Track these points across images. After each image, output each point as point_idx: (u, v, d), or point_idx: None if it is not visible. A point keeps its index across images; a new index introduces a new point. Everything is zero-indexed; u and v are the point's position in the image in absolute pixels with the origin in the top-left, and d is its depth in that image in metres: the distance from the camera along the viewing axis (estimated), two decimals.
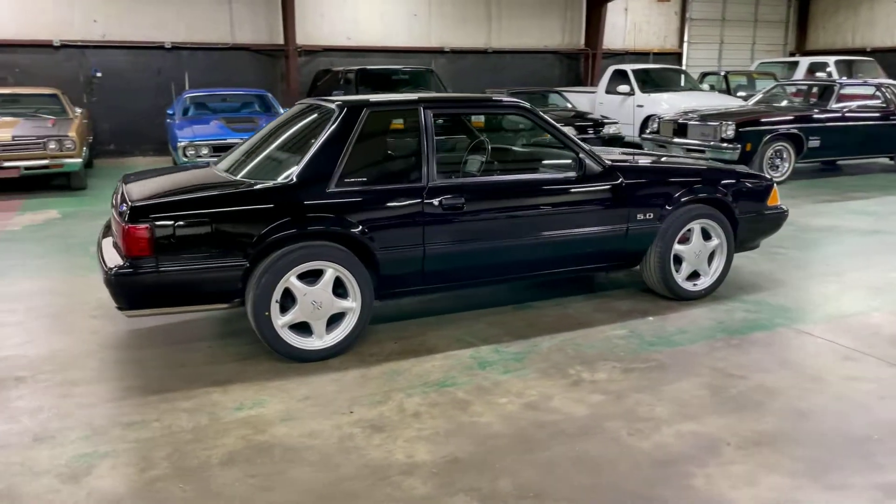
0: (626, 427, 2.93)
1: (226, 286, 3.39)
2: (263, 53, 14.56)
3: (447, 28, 16.04)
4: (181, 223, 3.28)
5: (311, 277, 3.54)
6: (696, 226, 4.45)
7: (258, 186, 3.51)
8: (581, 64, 17.63)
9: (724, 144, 9.11)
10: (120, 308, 3.35)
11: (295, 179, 3.51)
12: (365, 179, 3.66)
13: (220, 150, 9.09)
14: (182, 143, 9.04)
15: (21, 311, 4.40)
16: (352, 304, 3.62)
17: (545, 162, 4.38)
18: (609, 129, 12.23)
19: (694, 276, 4.58)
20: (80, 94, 13.27)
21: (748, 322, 4.17)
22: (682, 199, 4.35)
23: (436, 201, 3.72)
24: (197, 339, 3.93)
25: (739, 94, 14.28)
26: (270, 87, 14.55)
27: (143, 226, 3.22)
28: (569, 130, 11.34)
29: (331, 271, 3.54)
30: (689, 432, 2.89)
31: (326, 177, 3.55)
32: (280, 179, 3.54)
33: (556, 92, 13.98)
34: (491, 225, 3.90)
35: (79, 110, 10.74)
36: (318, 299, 3.53)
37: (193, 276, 3.32)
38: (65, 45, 13.09)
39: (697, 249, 4.49)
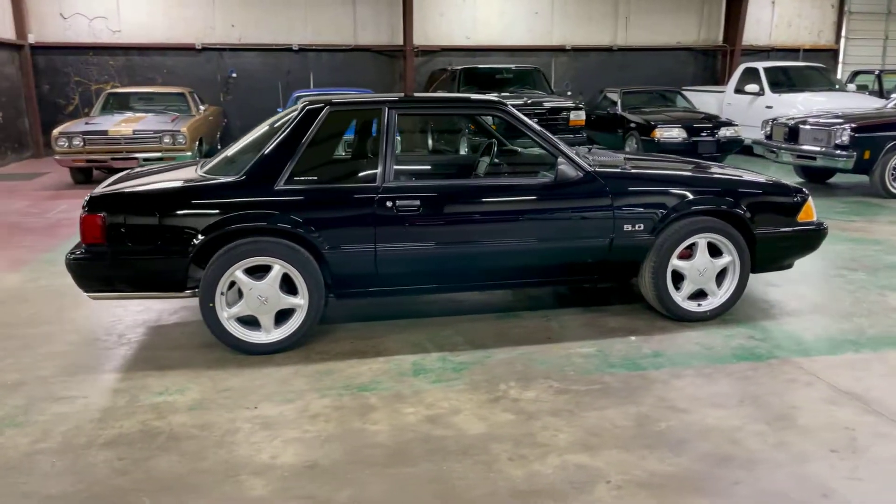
0: (511, 451, 2.74)
1: (175, 276, 3.56)
2: (383, 54, 15.01)
3: (570, 25, 15.66)
4: (131, 215, 3.50)
5: (262, 273, 3.63)
6: (700, 240, 4.04)
7: (207, 182, 3.66)
8: (718, 61, 16.50)
9: (838, 151, 8.17)
10: (82, 290, 3.63)
11: (244, 176, 3.62)
12: (315, 178, 3.70)
13: None
14: None
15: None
16: (300, 301, 3.67)
17: (519, 166, 4.17)
18: (726, 132, 11.38)
19: (700, 295, 4.16)
20: (217, 93, 14.46)
21: (741, 350, 3.73)
22: (680, 211, 3.97)
23: (389, 203, 3.67)
24: (182, 323, 4.17)
25: (894, 95, 12.70)
26: (389, 87, 15.04)
27: (96, 215, 3.47)
28: (677, 132, 10.71)
29: (277, 267, 3.60)
30: (575, 464, 2.64)
31: (276, 175, 3.62)
32: (231, 176, 3.65)
33: (676, 91, 13.21)
34: (450, 230, 3.79)
35: (203, 108, 11.68)
36: (265, 294, 3.61)
37: (143, 265, 3.53)
38: (206, 48, 14.28)
39: (702, 266, 4.07)
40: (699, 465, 2.64)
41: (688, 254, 4.09)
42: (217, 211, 3.53)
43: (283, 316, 3.71)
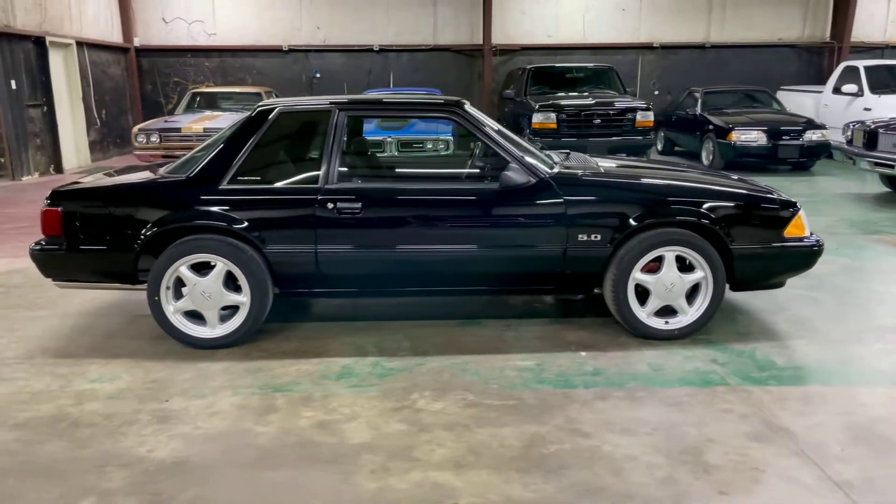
0: (379, 464, 2.67)
1: (125, 269, 3.73)
2: (462, 53, 15.03)
3: (659, 22, 15.03)
4: (85, 209, 3.70)
5: (210, 269, 3.74)
6: (668, 253, 3.77)
7: (156, 181, 3.80)
8: (824, 59, 15.30)
9: None
10: (46, 278, 3.88)
11: (192, 176, 3.74)
12: (259, 178, 3.76)
13: (372, 146, 9.73)
14: None
15: None
16: (243, 299, 3.75)
17: (469, 171, 4.04)
18: (812, 136, 10.56)
19: (670, 312, 3.89)
20: (302, 93, 14.99)
21: (693, 374, 3.45)
22: (642, 222, 3.72)
23: (330, 205, 3.68)
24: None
25: None
26: (468, 86, 15.06)
27: (54, 209, 3.70)
28: (756, 135, 10.01)
29: (220, 265, 3.70)
30: (434, 482, 2.54)
31: (221, 174, 3.71)
32: (182, 175, 3.78)
33: (765, 92, 12.40)
34: (391, 234, 3.74)
35: None
36: (208, 290, 3.72)
37: (95, 258, 3.72)
38: (292, 50, 14.86)
39: (669, 282, 3.80)
40: (563, 495, 2.47)
41: (655, 267, 3.83)
42: (162, 209, 3.67)
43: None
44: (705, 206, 3.76)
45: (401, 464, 2.67)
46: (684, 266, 3.83)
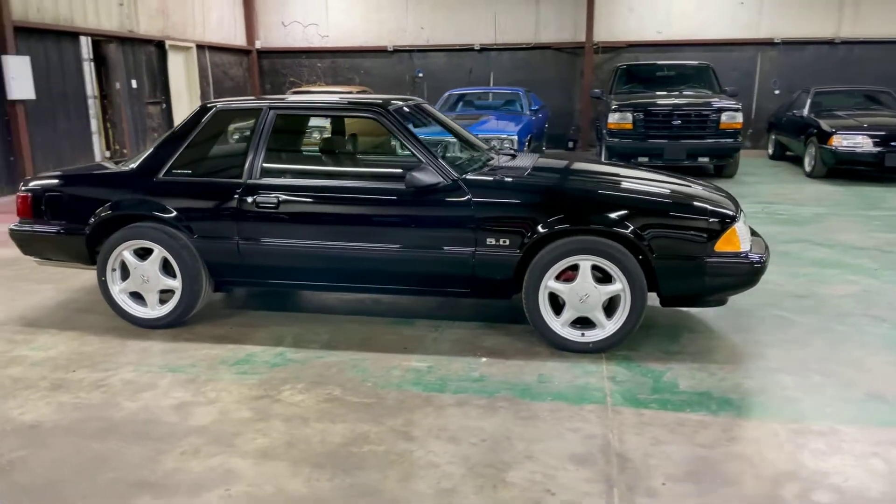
0: (194, 445, 2.81)
1: (80, 251, 4.13)
2: (564, 51, 14.74)
3: (783, 15, 13.88)
4: (48, 195, 4.15)
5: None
6: (583, 263, 3.59)
7: (106, 172, 4.17)
8: None
9: None
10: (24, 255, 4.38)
11: (136, 168, 4.07)
12: (190, 172, 4.01)
13: (433, 146, 9.87)
14: None
15: None
16: (176, 284, 4.03)
17: (385, 170, 4.03)
18: None
19: (588, 323, 3.70)
20: (405, 92, 15.41)
21: (574, 390, 3.27)
22: (551, 228, 3.57)
23: (250, 199, 3.87)
24: None
25: None
26: (569, 85, 14.79)
27: (25, 194, 4.17)
28: (861, 140, 9.07)
29: (157, 251, 4.00)
30: (227, 468, 2.63)
31: (159, 167, 4.01)
32: (128, 167, 4.12)
33: (887, 92, 11.14)
34: (306, 229, 3.85)
35: None
36: (146, 274, 4.04)
37: (56, 240, 4.16)
38: (397, 50, 15.32)
39: (583, 292, 3.62)
40: (335, 494, 2.47)
41: (572, 276, 3.66)
42: (107, 197, 4.03)
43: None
44: (621, 214, 3.54)
45: (214, 448, 2.79)
46: (607, 277, 3.62)
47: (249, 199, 3.86)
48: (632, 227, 3.51)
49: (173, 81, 12.79)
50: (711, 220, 3.53)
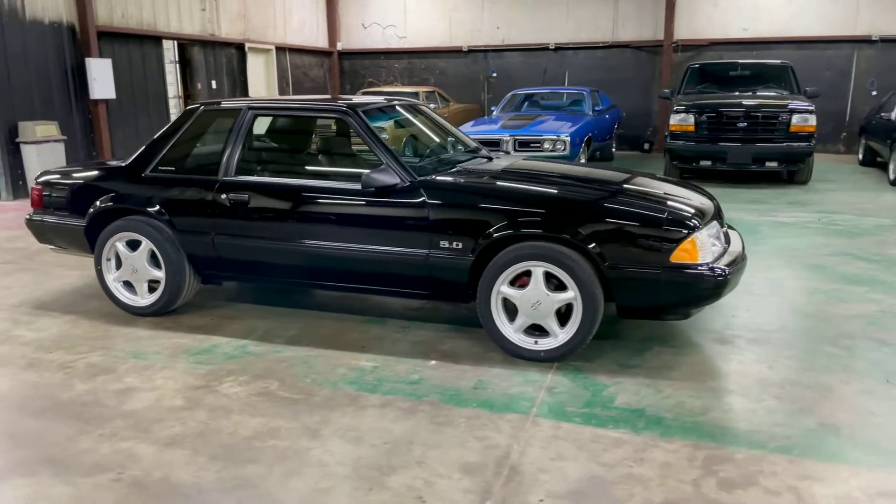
0: (115, 429, 2.95)
1: (81, 240, 4.43)
2: (643, 50, 14.27)
3: (881, 10, 12.85)
4: (54, 189, 4.47)
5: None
6: (536, 269, 3.50)
7: (104, 168, 4.43)
8: None
9: None
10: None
11: (127, 164, 4.31)
12: (173, 168, 4.20)
13: (487, 145, 9.84)
14: None
15: None
16: (161, 275, 4.25)
17: (350, 170, 4.04)
18: None
19: (544, 331, 3.60)
20: (479, 92, 15.44)
21: (503, 398, 3.20)
22: (501, 232, 3.50)
23: (224, 196, 4.02)
24: None
25: None
26: (647, 84, 14.33)
27: (37, 188, 4.52)
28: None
29: (145, 243, 4.23)
30: (131, 452, 2.76)
31: (147, 164, 4.24)
32: (122, 164, 4.37)
33: None
34: (274, 226, 3.95)
35: (432, 106, 12.72)
36: (136, 265, 4.28)
37: (60, 228, 4.47)
38: (471, 50, 15.35)
39: (535, 299, 3.52)
40: (215, 482, 2.54)
41: (527, 282, 3.57)
42: (101, 192, 4.30)
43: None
44: (570, 220, 3.42)
45: (130, 433, 2.93)
46: (563, 284, 3.51)
47: (223, 196, 4.01)
48: (581, 234, 3.38)
49: (252, 82, 13.38)
50: (666, 228, 3.34)
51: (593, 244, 3.38)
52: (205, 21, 12.24)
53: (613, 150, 12.97)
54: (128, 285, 4.38)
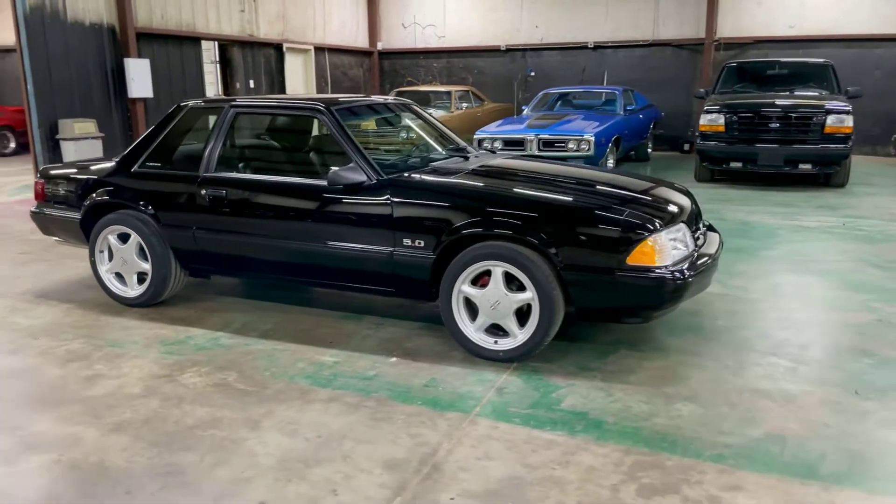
0: (71, 413, 3.07)
1: (77, 232, 4.61)
2: (685, 48, 13.95)
3: None
4: (54, 183, 4.67)
5: None
6: (495, 269, 3.48)
7: (96, 164, 4.60)
8: None
9: None
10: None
11: (118, 160, 4.47)
12: (159, 164, 4.34)
13: (512, 144, 9.83)
14: (478, 136, 10.06)
15: None
16: (148, 267, 4.39)
17: (319, 167, 4.08)
18: None
19: (504, 331, 3.58)
20: (516, 92, 15.36)
21: (450, 397, 3.19)
22: (459, 232, 3.50)
23: (203, 191, 4.13)
24: None
25: None
26: (689, 84, 14.00)
27: (40, 181, 4.73)
28: None
29: (133, 236, 4.38)
30: (73, 435, 2.87)
31: (135, 160, 4.39)
32: (114, 160, 4.54)
33: None
34: (249, 221, 4.03)
35: (464, 105, 12.72)
36: (126, 257, 4.43)
37: (58, 220, 4.67)
38: (509, 49, 15.29)
39: (494, 299, 3.51)
40: (143, 462, 2.63)
41: (488, 281, 3.56)
42: (94, 186, 4.47)
43: None
44: (527, 220, 3.38)
45: (83, 417, 3.05)
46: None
47: (203, 192, 4.12)
48: (537, 234, 3.35)
49: (290, 81, 13.64)
50: (623, 230, 3.28)
51: (549, 244, 3.34)
52: (244, 22, 12.54)
53: (650, 150, 12.73)
54: (119, 276, 4.54)
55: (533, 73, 15.14)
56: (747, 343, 3.79)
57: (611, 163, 10.01)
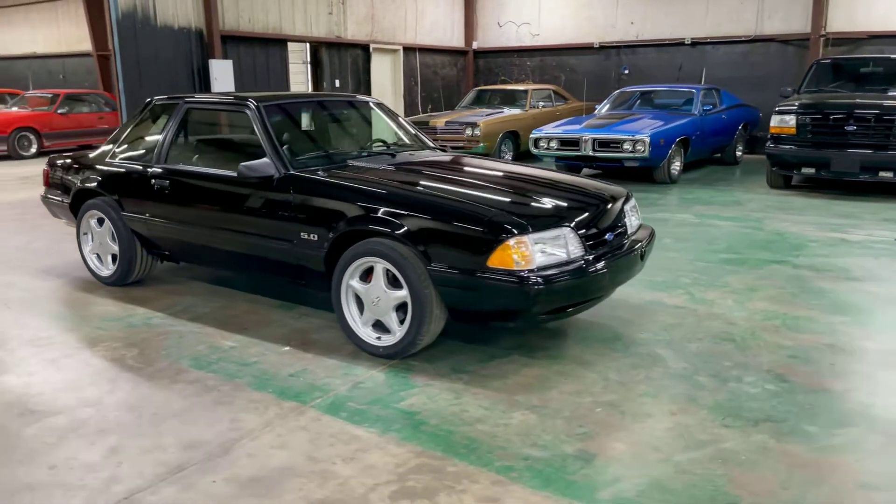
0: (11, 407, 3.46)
1: (72, 216, 5.10)
2: (791, 44, 12.91)
3: None
4: (54, 171, 5.18)
5: None
6: (378, 265, 3.49)
7: (83, 155, 5.03)
8: None
9: None
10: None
11: (98, 152, 4.89)
12: (127, 156, 4.69)
13: (568, 144, 9.61)
14: (534, 136, 9.90)
15: None
16: (117, 249, 4.78)
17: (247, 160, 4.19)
18: None
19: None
20: (609, 90, 14.86)
21: (304, 387, 3.25)
22: (345, 228, 3.54)
23: (153, 181, 4.43)
24: None
25: None
26: (794, 81, 12.90)
27: (46, 169, 5.27)
28: None
29: (107, 221, 4.79)
30: (31, 409, 3.23)
31: (107, 153, 4.79)
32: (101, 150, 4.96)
33: None
34: (186, 211, 4.29)
35: (541, 104, 12.52)
36: (101, 240, 4.86)
37: (58, 205, 5.18)
38: (603, 46, 14.84)
39: (375, 295, 3.52)
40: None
41: (372, 278, 3.57)
42: (79, 176, 4.92)
43: None
44: (398, 218, 3.36)
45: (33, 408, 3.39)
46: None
47: (153, 182, 4.43)
48: (408, 232, 3.32)
49: (376, 80, 14.06)
50: (483, 231, 3.17)
51: (419, 242, 3.30)
52: (331, 24, 13.09)
53: (739, 153, 11.88)
54: (99, 257, 4.97)
55: (627, 71, 14.60)
56: (654, 359, 3.53)
57: (676, 165, 9.48)
